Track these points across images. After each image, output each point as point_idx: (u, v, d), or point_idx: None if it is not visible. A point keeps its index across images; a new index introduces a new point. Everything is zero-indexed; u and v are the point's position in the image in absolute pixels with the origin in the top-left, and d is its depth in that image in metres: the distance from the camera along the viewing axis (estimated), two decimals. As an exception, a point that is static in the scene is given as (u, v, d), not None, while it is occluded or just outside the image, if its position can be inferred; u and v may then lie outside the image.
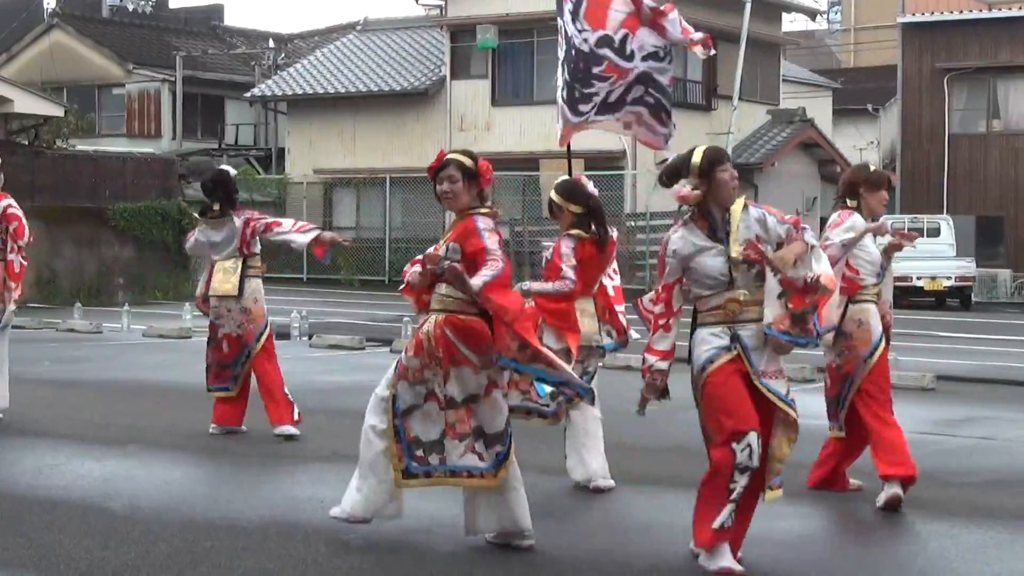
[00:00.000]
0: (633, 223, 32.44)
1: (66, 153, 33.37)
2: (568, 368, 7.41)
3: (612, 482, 9.13)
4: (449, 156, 7.44)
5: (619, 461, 9.72)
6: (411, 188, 35.90)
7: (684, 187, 6.95)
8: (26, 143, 32.64)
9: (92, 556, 7.14)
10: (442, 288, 7.32)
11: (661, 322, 6.98)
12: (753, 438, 6.70)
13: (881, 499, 8.57)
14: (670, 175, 7.10)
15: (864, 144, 45.54)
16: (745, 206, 6.92)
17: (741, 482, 6.69)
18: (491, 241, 7.21)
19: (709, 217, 6.93)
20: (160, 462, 10.15)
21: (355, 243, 29.01)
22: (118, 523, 7.94)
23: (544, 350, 7.27)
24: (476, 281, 7.03)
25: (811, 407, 9.80)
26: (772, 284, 6.80)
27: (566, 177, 9.56)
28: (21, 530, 7.72)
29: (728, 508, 6.69)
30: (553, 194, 9.30)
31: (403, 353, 7.47)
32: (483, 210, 7.35)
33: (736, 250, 6.80)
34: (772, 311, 6.78)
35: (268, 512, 7.88)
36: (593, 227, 9.15)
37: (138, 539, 7.52)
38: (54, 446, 10.65)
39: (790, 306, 6.79)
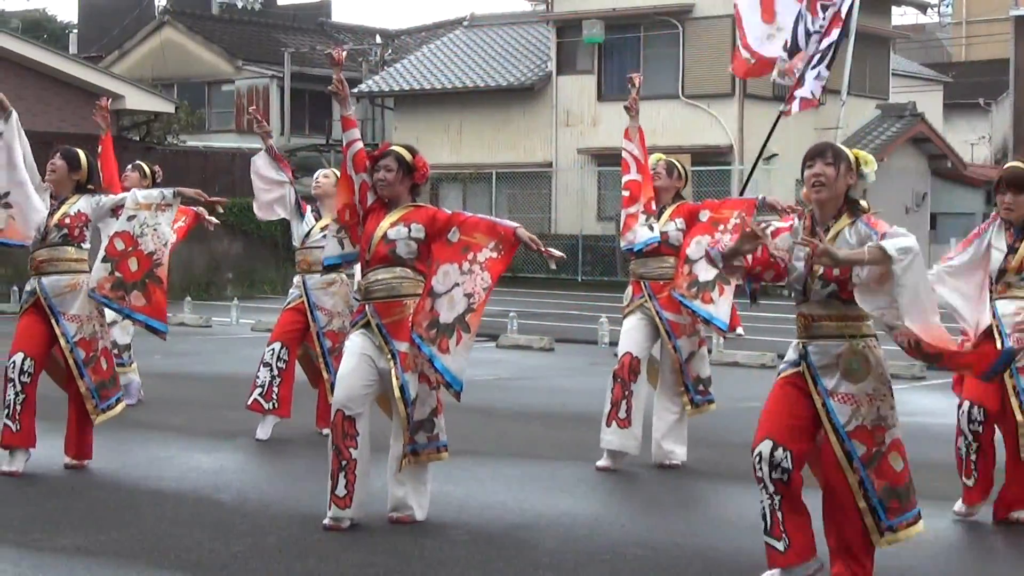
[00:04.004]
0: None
1: (176, 149, 33.77)
2: (461, 360, 7.57)
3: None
4: (391, 147, 7.93)
5: (727, 457, 9.69)
6: (517, 183, 35.94)
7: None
8: (137, 139, 33.07)
9: (202, 548, 7.22)
10: (413, 273, 7.75)
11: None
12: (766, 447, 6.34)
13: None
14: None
15: (976, 139, 44.94)
16: (854, 221, 6.35)
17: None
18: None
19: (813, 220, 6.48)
20: (269, 455, 10.25)
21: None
22: (228, 515, 8.03)
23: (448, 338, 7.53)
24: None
25: (922, 404, 9.71)
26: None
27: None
28: (133, 521, 7.83)
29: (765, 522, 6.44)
30: (676, 160, 10.14)
31: (395, 343, 7.68)
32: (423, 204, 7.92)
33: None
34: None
35: (375, 506, 7.92)
36: None
37: (247, 531, 7.59)
38: (165, 439, 10.78)
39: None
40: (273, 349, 10.78)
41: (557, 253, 7.49)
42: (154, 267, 9.10)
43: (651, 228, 9.65)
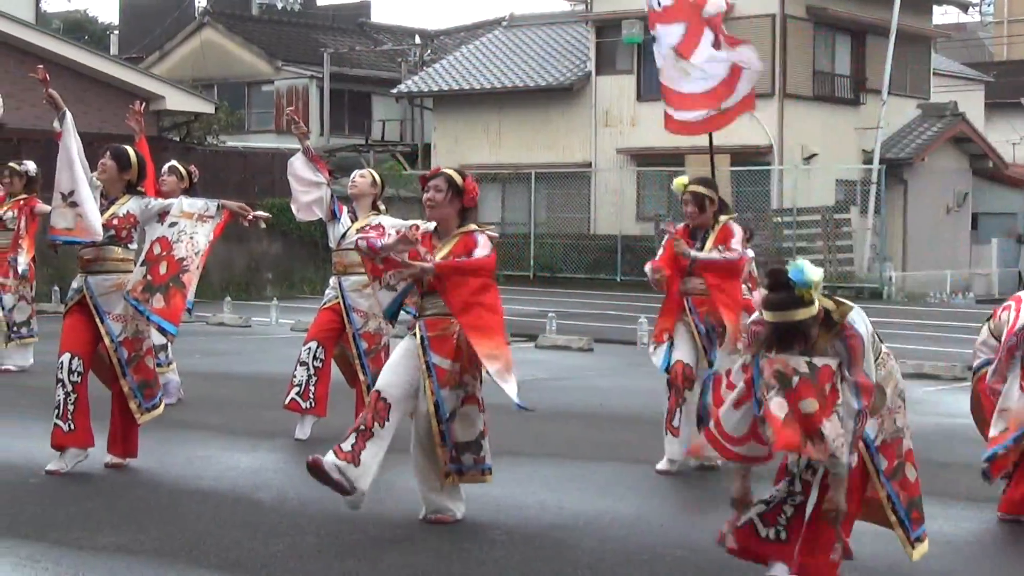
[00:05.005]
0: (780, 219, 32.11)
1: (216, 149, 33.87)
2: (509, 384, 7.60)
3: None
4: (443, 169, 8.00)
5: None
6: (556, 184, 35.89)
7: (759, 300, 6.17)
8: (178, 139, 33.20)
9: (241, 547, 7.24)
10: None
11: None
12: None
13: None
14: (778, 277, 6.02)
15: (1017, 139, 44.68)
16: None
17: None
18: (483, 250, 7.73)
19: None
20: (307, 455, 10.25)
21: (501, 238, 29.17)
22: (267, 515, 8.05)
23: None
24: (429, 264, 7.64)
25: (962, 406, 9.65)
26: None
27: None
28: (172, 521, 7.85)
29: None
30: (703, 188, 9.79)
31: (432, 355, 7.72)
32: (480, 228, 7.89)
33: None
34: None
35: (414, 506, 7.93)
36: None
37: (286, 531, 7.61)
38: (204, 438, 10.82)
39: None
40: (310, 348, 10.80)
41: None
42: (181, 272, 9.13)
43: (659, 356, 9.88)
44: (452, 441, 7.74)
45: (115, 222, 9.18)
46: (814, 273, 5.86)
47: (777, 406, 5.83)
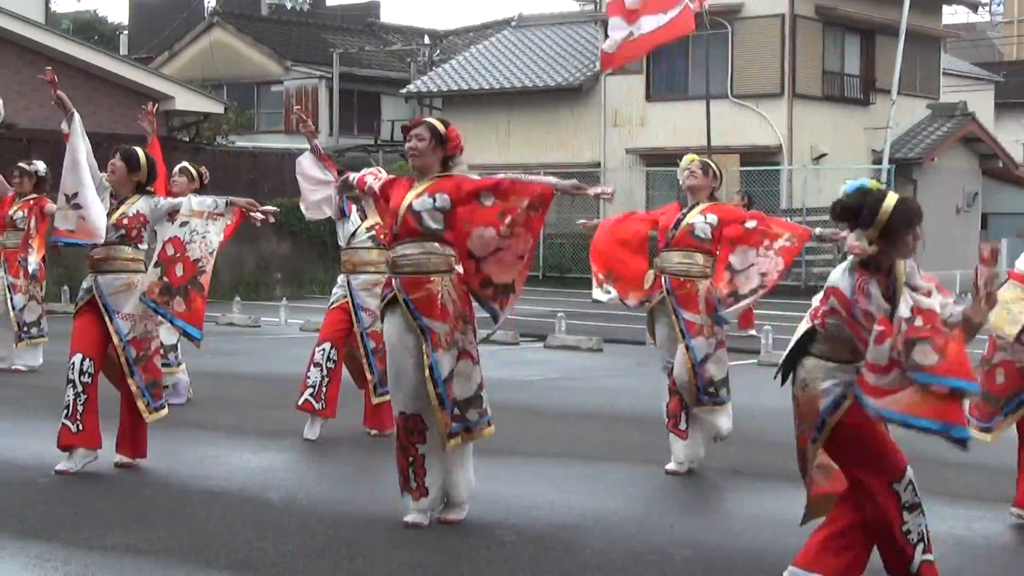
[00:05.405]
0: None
1: (226, 149, 33.88)
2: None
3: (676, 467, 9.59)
4: (425, 119, 7.97)
5: (773, 457, 9.64)
6: (565, 184, 35.85)
7: (858, 240, 5.87)
8: (187, 139, 33.22)
9: (251, 547, 7.24)
10: (441, 248, 7.71)
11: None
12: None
13: None
14: (843, 213, 5.91)
15: (1026, 138, 44.62)
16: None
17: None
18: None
19: (888, 275, 5.93)
20: (317, 455, 10.28)
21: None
22: (276, 514, 8.05)
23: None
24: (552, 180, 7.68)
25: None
26: None
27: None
28: (182, 520, 7.86)
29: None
30: (710, 161, 9.87)
31: (424, 320, 7.69)
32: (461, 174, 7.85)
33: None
34: None
35: (422, 506, 7.93)
36: None
37: (295, 531, 7.61)
38: (213, 438, 10.83)
39: None
40: (324, 349, 10.80)
41: (609, 189, 7.53)
42: (197, 273, 9.13)
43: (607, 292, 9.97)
44: (451, 400, 7.73)
45: (125, 221, 9.19)
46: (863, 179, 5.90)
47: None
